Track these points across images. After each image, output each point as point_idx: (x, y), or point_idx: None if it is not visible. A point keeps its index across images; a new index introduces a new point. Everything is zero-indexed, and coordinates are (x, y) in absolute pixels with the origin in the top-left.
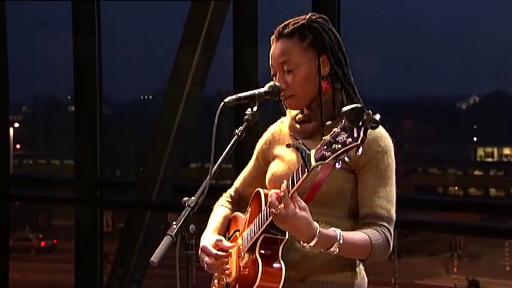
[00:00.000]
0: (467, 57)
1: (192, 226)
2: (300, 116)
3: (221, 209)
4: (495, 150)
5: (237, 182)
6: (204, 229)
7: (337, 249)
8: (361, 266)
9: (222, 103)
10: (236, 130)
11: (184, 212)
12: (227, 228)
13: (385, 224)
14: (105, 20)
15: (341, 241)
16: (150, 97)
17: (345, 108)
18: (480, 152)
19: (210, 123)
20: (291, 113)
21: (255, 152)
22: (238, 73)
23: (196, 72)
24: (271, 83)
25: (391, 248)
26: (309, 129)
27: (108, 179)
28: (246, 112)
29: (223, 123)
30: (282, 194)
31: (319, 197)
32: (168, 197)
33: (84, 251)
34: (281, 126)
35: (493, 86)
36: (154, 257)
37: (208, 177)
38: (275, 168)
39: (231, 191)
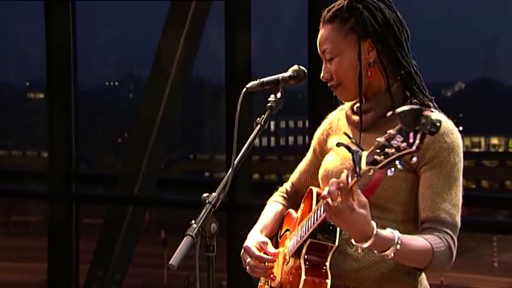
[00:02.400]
0: (453, 42)
1: (213, 225)
2: (357, 105)
3: (274, 204)
4: (482, 139)
5: (293, 176)
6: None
7: (393, 254)
8: (423, 275)
9: (245, 89)
10: (258, 119)
11: (204, 210)
12: (280, 225)
13: (449, 231)
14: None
15: (398, 246)
16: (116, 84)
17: (400, 109)
18: (466, 141)
19: (187, 111)
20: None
21: (312, 143)
22: (230, 60)
23: (181, 58)
24: (295, 66)
25: (453, 258)
26: (366, 121)
27: (84, 171)
28: (269, 99)
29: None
30: (341, 185)
31: (373, 199)
32: (151, 191)
33: (58, 249)
34: (339, 115)
35: (480, 73)
36: (174, 260)
37: (230, 170)
38: (328, 163)
39: (287, 186)
